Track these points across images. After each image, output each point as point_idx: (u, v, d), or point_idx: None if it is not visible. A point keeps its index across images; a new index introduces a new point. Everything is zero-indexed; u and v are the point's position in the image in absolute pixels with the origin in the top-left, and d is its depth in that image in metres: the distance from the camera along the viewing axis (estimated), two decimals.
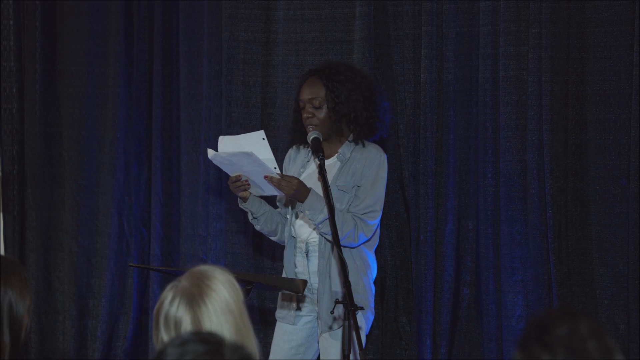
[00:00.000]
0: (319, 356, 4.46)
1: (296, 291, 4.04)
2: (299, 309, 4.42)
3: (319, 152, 4.17)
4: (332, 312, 4.02)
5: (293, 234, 4.39)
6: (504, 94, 4.83)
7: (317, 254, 4.32)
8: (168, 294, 2.45)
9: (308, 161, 4.44)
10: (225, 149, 4.18)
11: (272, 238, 4.49)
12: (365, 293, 4.35)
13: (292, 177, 4.22)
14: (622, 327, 4.73)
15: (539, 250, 4.80)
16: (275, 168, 4.18)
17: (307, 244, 4.35)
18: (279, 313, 4.47)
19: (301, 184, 4.22)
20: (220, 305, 2.42)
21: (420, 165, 4.99)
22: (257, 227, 4.43)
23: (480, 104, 4.92)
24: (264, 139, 4.16)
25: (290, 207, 4.42)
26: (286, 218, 4.44)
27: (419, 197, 4.99)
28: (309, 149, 4.40)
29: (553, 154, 4.76)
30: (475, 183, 4.97)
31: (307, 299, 4.38)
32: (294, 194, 4.20)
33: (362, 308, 3.81)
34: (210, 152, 4.18)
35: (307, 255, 4.35)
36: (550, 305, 4.79)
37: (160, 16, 5.47)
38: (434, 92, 4.96)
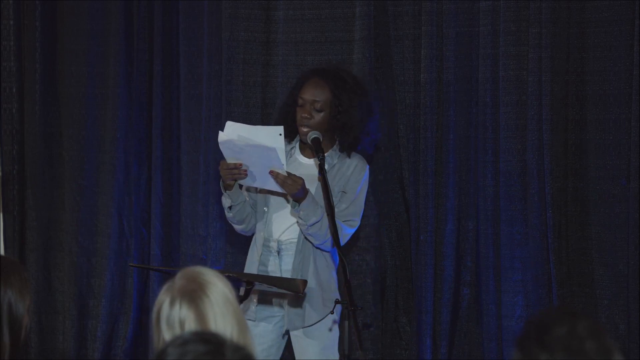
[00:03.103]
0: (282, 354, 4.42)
1: (296, 291, 4.03)
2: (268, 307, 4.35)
3: (320, 151, 4.14)
4: (331, 312, 4.02)
5: (265, 233, 4.36)
6: (504, 94, 4.83)
7: (291, 252, 4.28)
8: (165, 297, 2.44)
9: (290, 157, 4.38)
10: (235, 135, 4.10)
11: (238, 227, 4.38)
12: (336, 289, 4.32)
13: (299, 177, 4.17)
14: (622, 327, 4.73)
15: (539, 250, 4.80)
16: (283, 165, 4.13)
17: (278, 242, 4.31)
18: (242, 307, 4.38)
19: (304, 185, 4.19)
20: (221, 296, 2.43)
21: (420, 165, 4.99)
22: (229, 215, 4.32)
23: (480, 104, 4.92)
24: (281, 134, 4.08)
25: (264, 207, 4.34)
26: (256, 211, 4.36)
27: (419, 197, 4.99)
28: (293, 145, 4.36)
29: (553, 154, 4.76)
30: (475, 183, 4.97)
31: (273, 299, 4.34)
32: (296, 194, 4.17)
33: (361, 308, 3.80)
34: (222, 136, 4.08)
35: (278, 254, 4.31)
36: (550, 305, 4.79)
37: (160, 16, 5.47)
38: (434, 92, 4.96)
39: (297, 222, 4.22)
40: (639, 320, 4.63)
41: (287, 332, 4.35)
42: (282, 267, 4.28)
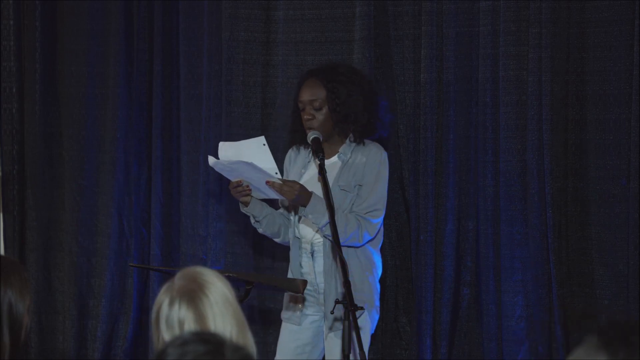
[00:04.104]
0: (324, 356, 4.46)
1: (296, 291, 4.04)
2: (304, 308, 4.41)
3: (319, 152, 4.17)
4: (332, 312, 4.02)
5: (297, 235, 4.39)
6: (504, 94, 4.83)
7: (322, 254, 4.32)
8: (165, 297, 2.44)
9: (309, 162, 4.44)
10: (225, 155, 4.19)
11: (276, 240, 4.50)
12: (371, 292, 4.35)
13: (294, 182, 4.22)
14: None
15: (539, 250, 4.80)
16: (276, 173, 4.18)
17: (312, 244, 4.36)
18: (285, 314, 4.47)
19: (303, 188, 4.21)
20: (220, 296, 2.43)
21: (420, 165, 4.99)
22: (260, 230, 4.44)
23: (480, 104, 4.92)
24: (264, 144, 4.17)
25: (292, 212, 4.42)
26: (289, 219, 4.44)
27: (419, 197, 4.99)
28: (309, 149, 4.40)
29: (553, 154, 4.76)
30: (475, 183, 4.97)
31: (313, 299, 4.38)
32: (296, 199, 4.20)
33: (362, 308, 3.81)
34: (211, 160, 4.18)
35: (312, 255, 4.35)
36: (550, 305, 4.79)
37: (160, 16, 5.47)
38: (434, 92, 4.96)
39: (312, 225, 4.27)
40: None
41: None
42: (316, 268, 4.34)
